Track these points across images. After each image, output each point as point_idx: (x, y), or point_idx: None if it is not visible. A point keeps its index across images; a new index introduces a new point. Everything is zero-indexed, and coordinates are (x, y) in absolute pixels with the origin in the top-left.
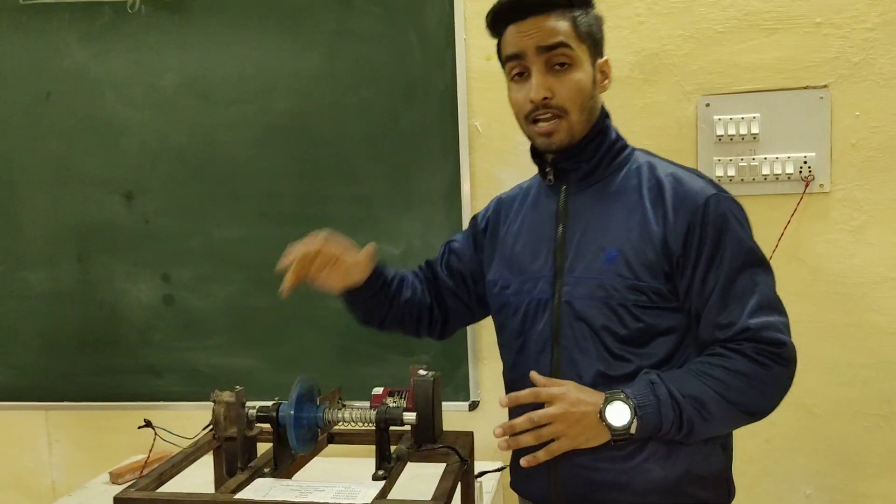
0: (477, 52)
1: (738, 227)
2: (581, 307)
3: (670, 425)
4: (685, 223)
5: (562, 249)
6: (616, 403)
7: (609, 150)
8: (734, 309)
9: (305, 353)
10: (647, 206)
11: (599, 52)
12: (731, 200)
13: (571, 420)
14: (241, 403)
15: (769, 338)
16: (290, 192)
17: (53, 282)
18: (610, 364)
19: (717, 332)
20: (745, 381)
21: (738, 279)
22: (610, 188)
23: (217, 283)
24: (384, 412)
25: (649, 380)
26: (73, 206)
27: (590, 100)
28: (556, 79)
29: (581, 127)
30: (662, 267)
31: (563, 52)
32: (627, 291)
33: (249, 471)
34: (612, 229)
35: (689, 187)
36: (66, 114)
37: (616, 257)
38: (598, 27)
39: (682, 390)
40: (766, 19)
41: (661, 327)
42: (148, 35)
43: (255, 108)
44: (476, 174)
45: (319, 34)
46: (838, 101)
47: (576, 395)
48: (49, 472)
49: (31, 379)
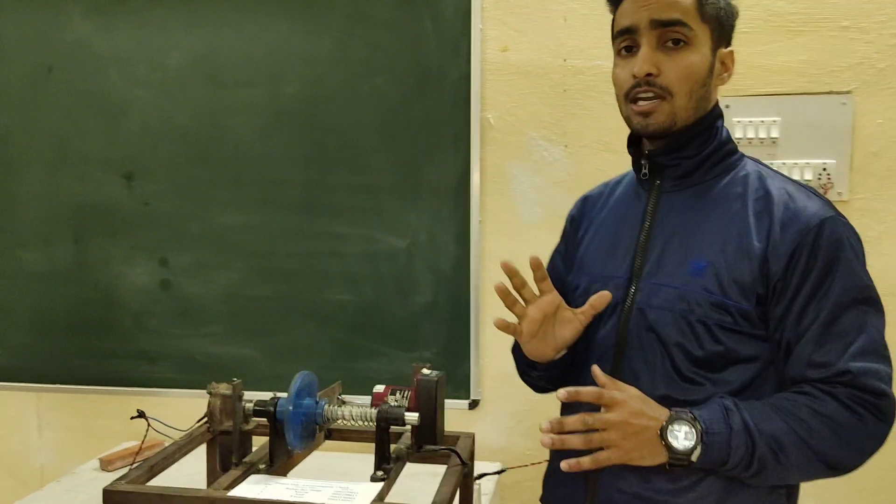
0: (493, 43)
1: (854, 258)
2: (655, 317)
3: (738, 461)
4: (793, 244)
5: (643, 251)
6: (681, 424)
7: (717, 150)
8: (834, 348)
9: (304, 345)
10: (751, 218)
11: (725, 39)
12: (849, 227)
13: (628, 431)
14: (239, 397)
15: (870, 386)
16: (295, 180)
17: (48, 262)
18: (677, 385)
19: (810, 370)
20: (834, 429)
21: (845, 316)
22: (710, 192)
23: (216, 270)
24: (386, 412)
25: (724, 405)
26: (71, 185)
27: (701, 87)
28: (666, 56)
29: (685, 114)
30: (756, 288)
31: (680, 29)
32: (711, 309)
33: (244, 466)
34: (706, 237)
35: (803, 205)
36: (67, 90)
37: (704, 269)
38: (729, 14)
39: (760, 425)
40: (791, 21)
41: (741, 354)
42: (154, 11)
43: (263, 92)
44: (486, 168)
45: (333, 18)
46: (861, 108)
47: (639, 406)
48: (38, 456)
49: (23, 360)
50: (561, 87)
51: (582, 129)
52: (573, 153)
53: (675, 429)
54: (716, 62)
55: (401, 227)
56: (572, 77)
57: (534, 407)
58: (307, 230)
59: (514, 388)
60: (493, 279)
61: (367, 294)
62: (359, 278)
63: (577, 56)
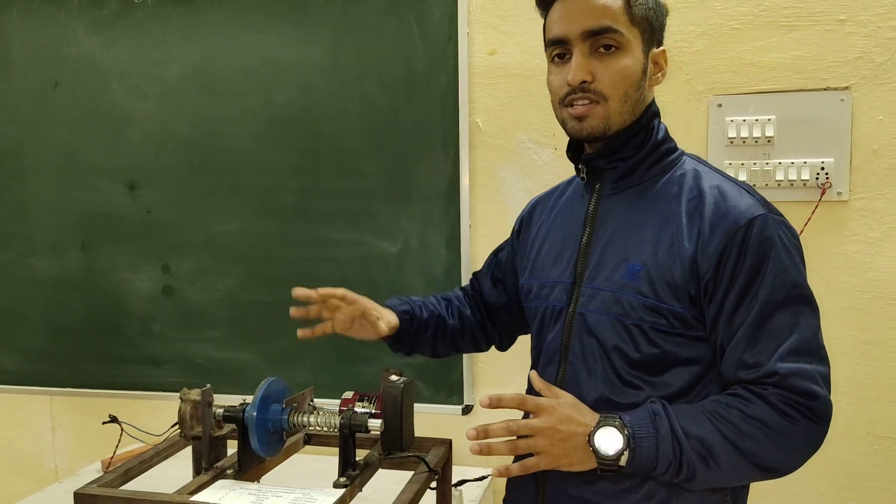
0: (480, 47)
1: (785, 255)
2: (594, 321)
3: (668, 465)
4: (721, 244)
5: (585, 256)
6: (608, 429)
7: (653, 150)
8: (764, 348)
9: (301, 350)
10: (683, 219)
11: (656, 40)
12: (782, 225)
13: (555, 438)
14: (208, 403)
15: (799, 387)
16: (289, 187)
17: (59, 269)
18: (617, 389)
19: (741, 371)
20: (764, 432)
21: (775, 316)
22: (648, 193)
23: (216, 276)
24: (349, 418)
25: (652, 410)
26: (78, 195)
27: (635, 90)
28: (599, 62)
29: (619, 118)
30: (688, 290)
31: (611, 36)
32: (644, 312)
33: (214, 471)
34: (641, 240)
35: (733, 203)
36: (72, 103)
37: (639, 272)
38: (659, 14)
39: (688, 429)
40: (786, 16)
41: (680, 356)
42: (153, 25)
43: (257, 101)
44: (476, 172)
45: (322, 26)
46: (860, 104)
47: (567, 412)
48: (52, 457)
49: (36, 364)
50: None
51: None
52: (563, 155)
53: (602, 434)
54: (648, 63)
55: (392, 232)
56: None
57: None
58: (301, 236)
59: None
60: None
61: None
62: (352, 283)
63: None
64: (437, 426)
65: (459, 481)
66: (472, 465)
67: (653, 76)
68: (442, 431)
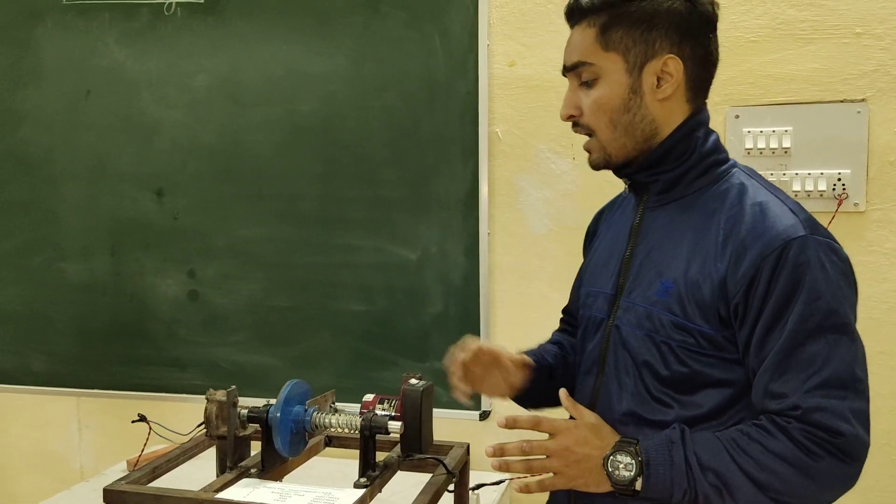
0: (500, 59)
1: (823, 280)
2: (627, 335)
3: (682, 495)
4: (753, 266)
5: (627, 268)
6: (624, 455)
7: (697, 163)
8: (792, 379)
9: (321, 354)
10: (720, 236)
11: (651, 52)
12: (826, 247)
13: (570, 459)
14: (233, 403)
15: (824, 424)
16: (311, 194)
17: (88, 274)
18: (645, 404)
19: (768, 400)
20: (784, 467)
21: (808, 344)
22: (691, 207)
23: (239, 281)
24: (369, 419)
25: (669, 438)
26: (108, 201)
27: (623, 114)
28: (583, 94)
29: (617, 145)
30: (718, 311)
31: (584, 69)
32: (673, 330)
33: (238, 470)
34: (677, 256)
35: (771, 223)
36: (104, 112)
37: (671, 289)
38: (653, 23)
39: (704, 460)
40: (802, 28)
41: (711, 377)
42: (182, 36)
43: (281, 111)
44: (495, 181)
45: (345, 37)
46: (877, 116)
47: (583, 434)
48: (78, 457)
49: (64, 366)
50: None
51: None
52: (581, 165)
53: (616, 459)
54: (642, 80)
55: (411, 240)
56: None
57: None
58: (323, 242)
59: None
60: (502, 291)
61: (380, 305)
62: (371, 290)
63: None
64: (455, 431)
65: (477, 485)
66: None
67: (654, 90)
68: (460, 436)
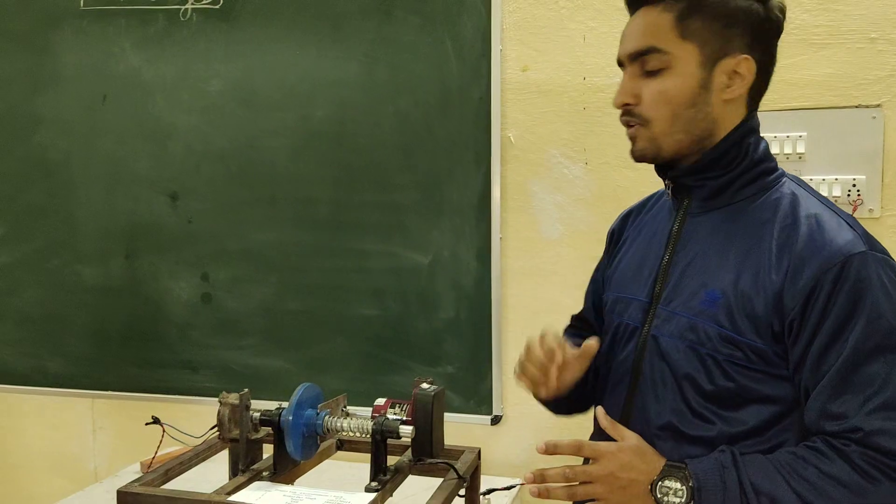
0: (512, 63)
1: (884, 298)
2: (666, 346)
3: None
4: (811, 280)
5: (665, 275)
6: (673, 480)
7: (748, 170)
8: (851, 399)
9: (334, 358)
10: (773, 248)
11: (727, 48)
12: (884, 264)
13: (615, 486)
14: (246, 406)
15: (885, 447)
16: (324, 199)
17: (104, 277)
18: (685, 419)
19: (824, 421)
20: (841, 492)
21: (868, 364)
22: (739, 216)
23: (252, 285)
24: (381, 423)
25: (721, 462)
26: (123, 205)
27: (687, 109)
28: (645, 83)
29: (671, 139)
30: (771, 325)
31: (654, 56)
32: (720, 343)
33: (250, 473)
34: (725, 266)
35: (830, 237)
36: (120, 116)
37: (719, 300)
38: (735, 18)
39: (758, 484)
40: (817, 34)
41: (758, 393)
42: (197, 42)
43: (294, 116)
44: (507, 186)
45: (358, 43)
46: (892, 122)
47: (628, 458)
48: (92, 458)
49: (79, 368)
50: (580, 105)
51: (602, 147)
52: (593, 170)
53: (665, 485)
54: (713, 77)
55: (424, 244)
56: (592, 95)
57: (557, 423)
58: (336, 246)
59: (537, 404)
60: (514, 295)
61: (392, 309)
62: (384, 294)
63: (596, 74)
64: (466, 436)
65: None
66: (501, 474)
67: (724, 89)
68: (471, 441)
